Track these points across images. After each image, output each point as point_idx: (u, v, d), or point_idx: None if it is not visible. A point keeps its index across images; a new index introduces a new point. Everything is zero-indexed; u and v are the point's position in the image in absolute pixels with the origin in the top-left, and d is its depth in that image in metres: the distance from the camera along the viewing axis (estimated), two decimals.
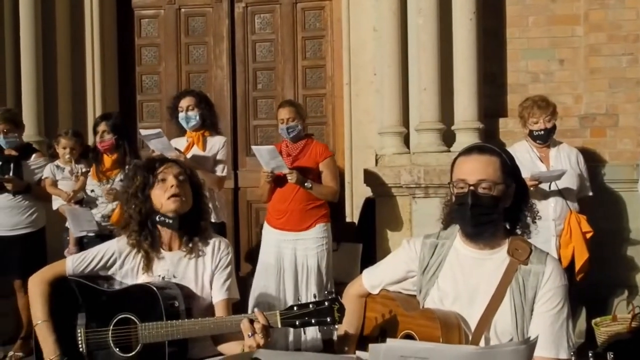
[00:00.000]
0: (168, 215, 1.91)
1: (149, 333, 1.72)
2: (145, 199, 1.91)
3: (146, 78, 5.30)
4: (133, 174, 1.96)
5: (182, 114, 3.69)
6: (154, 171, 1.92)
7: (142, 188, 1.91)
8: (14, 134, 3.87)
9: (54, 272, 1.93)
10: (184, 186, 1.94)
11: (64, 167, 3.76)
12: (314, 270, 3.61)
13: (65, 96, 4.85)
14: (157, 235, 1.95)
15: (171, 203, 1.90)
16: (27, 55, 4.56)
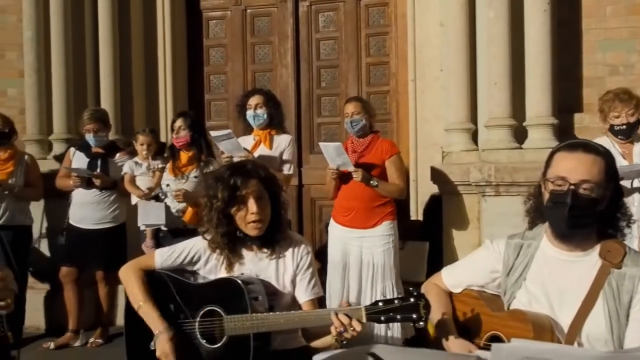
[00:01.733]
0: (248, 234, 1.95)
1: (234, 325, 1.77)
2: (228, 221, 1.94)
3: (214, 78, 5.44)
4: (215, 188, 1.96)
5: (250, 112, 3.75)
6: (235, 191, 1.92)
7: (223, 209, 1.93)
8: (102, 133, 4.08)
9: (144, 264, 2.01)
10: (264, 207, 1.95)
11: (142, 163, 3.92)
12: (380, 269, 3.59)
13: (140, 96, 5.04)
14: (238, 242, 1.99)
15: (252, 229, 1.93)
16: (105, 59, 4.77)
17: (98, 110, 4.29)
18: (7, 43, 5.14)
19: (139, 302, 1.93)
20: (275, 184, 2.03)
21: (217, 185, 1.96)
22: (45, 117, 4.74)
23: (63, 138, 4.69)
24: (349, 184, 3.63)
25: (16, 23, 5.09)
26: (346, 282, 3.63)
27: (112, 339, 4.26)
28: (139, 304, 1.93)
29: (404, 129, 4.93)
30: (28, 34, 4.70)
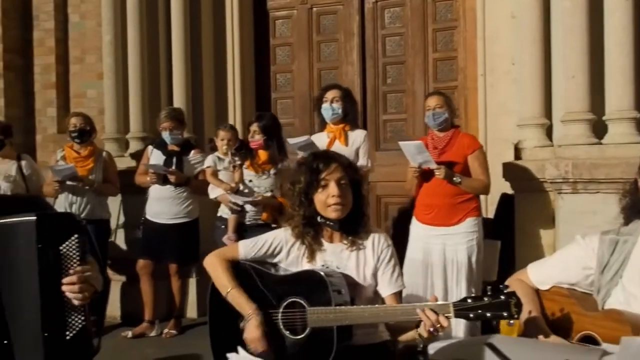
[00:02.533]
0: (329, 219, 1.97)
1: (317, 317, 1.79)
2: (309, 203, 1.97)
3: (280, 76, 5.52)
4: (298, 173, 2.02)
5: (327, 105, 3.80)
6: (318, 174, 1.96)
7: (305, 192, 1.97)
8: (178, 131, 4.23)
9: (229, 255, 2.07)
10: (345, 192, 1.96)
11: (224, 158, 4.04)
12: (464, 266, 3.52)
13: (209, 96, 5.18)
14: (319, 229, 2.02)
15: (332, 211, 1.95)
16: (178, 61, 4.93)
17: (175, 109, 4.44)
18: (87, 47, 5.42)
19: (227, 288, 1.98)
20: (357, 173, 2.05)
21: (300, 169, 2.01)
22: (122, 117, 4.96)
23: (139, 137, 4.88)
24: (431, 181, 3.58)
25: (95, 28, 5.36)
26: (429, 281, 3.56)
27: (184, 330, 4.41)
28: (228, 290, 1.97)
29: (473, 126, 4.82)
30: (107, 37, 4.92)
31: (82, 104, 5.34)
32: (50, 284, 1.70)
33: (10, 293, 1.73)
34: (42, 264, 1.70)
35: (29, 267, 1.71)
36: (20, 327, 1.73)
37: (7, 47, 5.41)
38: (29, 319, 1.71)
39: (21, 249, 1.72)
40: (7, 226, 1.73)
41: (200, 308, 4.75)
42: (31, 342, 1.71)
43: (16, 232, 1.72)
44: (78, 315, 1.74)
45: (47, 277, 1.70)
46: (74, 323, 1.73)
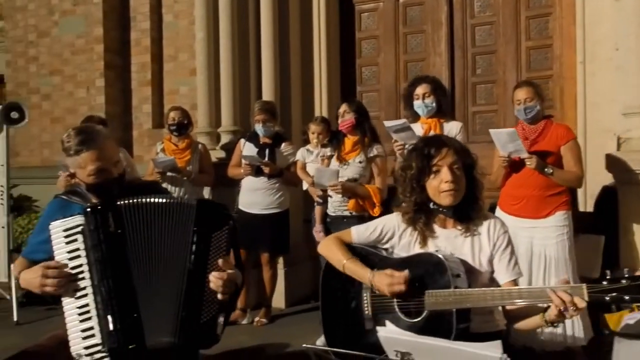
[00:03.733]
0: (442, 205, 1.93)
1: (435, 300, 1.76)
2: (421, 190, 1.94)
3: (365, 70, 5.51)
4: (409, 159, 1.99)
5: (419, 102, 3.69)
6: (429, 160, 1.93)
7: (417, 178, 1.94)
8: (270, 123, 4.30)
9: (342, 238, 2.08)
10: (459, 177, 1.92)
11: (313, 150, 4.07)
12: (553, 262, 3.37)
13: (296, 90, 5.25)
14: (431, 215, 1.98)
15: (445, 198, 1.90)
16: (267, 57, 5.02)
17: (268, 102, 4.53)
18: (180, 45, 5.64)
19: (343, 261, 1.98)
20: (469, 157, 1.98)
21: (412, 155, 1.98)
22: (214, 111, 5.12)
23: (230, 130, 5.02)
24: (520, 172, 3.45)
25: (187, 26, 5.58)
26: None
27: (274, 319, 4.49)
28: (343, 263, 1.98)
29: (570, 116, 4.60)
30: (200, 35, 5.10)
31: (175, 100, 5.56)
32: (198, 268, 1.79)
33: (152, 270, 1.82)
34: (194, 247, 1.79)
35: (179, 246, 1.80)
36: (158, 300, 1.81)
37: (107, 48, 5.73)
38: (169, 295, 1.79)
39: (180, 229, 1.80)
40: (172, 205, 1.83)
41: (288, 299, 4.82)
42: (166, 318, 1.78)
43: (176, 212, 1.81)
44: (214, 303, 1.82)
45: (196, 260, 1.79)
46: (209, 309, 1.81)
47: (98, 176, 1.99)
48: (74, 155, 1.99)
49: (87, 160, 1.97)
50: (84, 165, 1.99)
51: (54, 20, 6.01)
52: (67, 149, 2.00)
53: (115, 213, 1.83)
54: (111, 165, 2.02)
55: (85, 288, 1.82)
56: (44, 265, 1.82)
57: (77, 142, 1.98)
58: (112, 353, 1.78)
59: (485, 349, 1.28)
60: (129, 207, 1.84)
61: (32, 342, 2.04)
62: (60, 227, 1.84)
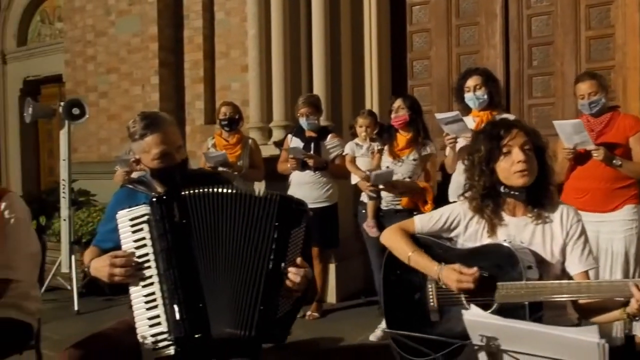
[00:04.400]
0: (514, 188, 1.86)
1: (506, 293, 1.70)
2: (490, 172, 1.88)
3: (417, 63, 5.44)
4: (477, 142, 1.93)
5: (470, 95, 3.59)
6: (499, 141, 1.87)
7: (486, 160, 1.88)
8: (314, 117, 4.30)
9: (405, 227, 2.04)
10: (531, 158, 1.85)
11: (362, 144, 4.04)
12: (620, 257, 3.24)
13: (347, 85, 5.22)
14: (500, 201, 1.92)
15: (518, 179, 1.83)
16: (318, 52, 5.01)
17: (312, 95, 4.52)
18: (232, 42, 5.72)
19: (408, 252, 1.94)
20: (541, 140, 1.90)
21: (479, 138, 1.92)
22: (265, 106, 5.16)
23: (282, 125, 5.05)
24: (585, 164, 3.32)
25: (239, 23, 5.64)
26: None
27: (326, 314, 4.49)
28: (408, 255, 1.93)
29: (633, 108, 4.41)
30: (252, 31, 5.15)
31: (226, 97, 5.63)
32: (276, 263, 1.77)
33: (219, 260, 1.82)
34: (275, 242, 1.76)
35: (256, 239, 1.78)
36: (223, 293, 1.80)
37: (161, 46, 5.86)
38: (241, 287, 1.78)
39: (260, 223, 1.78)
40: (251, 197, 1.81)
41: (339, 294, 4.81)
42: (238, 309, 1.77)
43: (258, 206, 1.78)
44: (288, 299, 1.81)
45: (275, 256, 1.76)
46: (283, 305, 1.80)
47: (162, 160, 2.00)
48: (138, 140, 2.02)
49: (151, 143, 1.99)
50: (148, 149, 2.00)
51: (111, 20, 6.19)
52: (132, 133, 2.03)
53: (180, 203, 1.84)
54: (174, 150, 2.03)
55: (151, 277, 1.84)
56: (111, 255, 1.85)
57: (142, 127, 2.01)
58: (178, 342, 1.79)
59: (583, 334, 1.23)
60: (194, 197, 1.84)
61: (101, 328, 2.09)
62: (127, 216, 1.87)
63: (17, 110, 8.17)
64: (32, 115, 4.77)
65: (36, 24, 8.20)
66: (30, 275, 2.41)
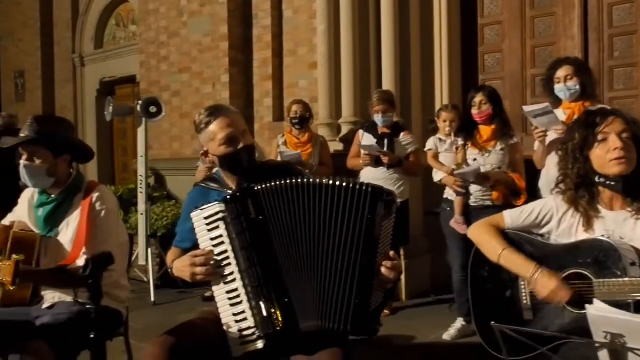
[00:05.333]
0: (610, 177, 1.77)
1: (609, 290, 1.63)
2: (585, 160, 1.80)
3: (488, 57, 5.30)
4: (571, 131, 1.86)
5: (560, 85, 3.44)
6: (594, 128, 1.78)
7: (580, 147, 1.80)
8: (389, 113, 4.25)
9: (494, 223, 1.98)
10: (629, 147, 1.75)
11: (445, 139, 3.97)
12: None
13: (417, 79, 5.16)
14: (596, 193, 1.83)
15: (614, 166, 1.75)
16: (387, 48, 4.98)
17: (386, 91, 4.48)
18: (300, 40, 5.75)
19: (498, 250, 1.87)
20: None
21: (574, 127, 1.85)
22: (334, 102, 5.16)
23: (351, 121, 5.04)
24: None
25: (307, 21, 5.67)
26: None
27: (395, 311, 4.45)
28: (499, 253, 1.86)
29: None
30: (321, 27, 5.17)
31: (294, 94, 5.67)
32: (368, 256, 1.74)
33: (301, 254, 1.80)
34: (366, 235, 1.72)
35: (349, 234, 1.74)
36: (309, 287, 1.79)
37: (232, 45, 5.98)
38: (335, 281, 1.75)
39: (349, 215, 1.74)
40: (344, 188, 1.75)
41: (409, 292, 4.77)
42: (335, 306, 1.75)
43: (351, 197, 1.73)
44: (380, 292, 1.78)
45: (367, 249, 1.73)
46: (376, 298, 1.77)
47: (228, 145, 2.00)
48: (204, 129, 2.02)
49: (216, 130, 1.99)
50: (213, 137, 2.01)
51: (183, 21, 6.38)
52: (198, 124, 2.05)
53: (254, 199, 1.82)
54: (240, 134, 2.02)
55: (232, 273, 1.83)
56: (191, 255, 1.87)
57: (206, 115, 2.03)
58: (267, 338, 1.79)
59: None
60: (267, 192, 1.82)
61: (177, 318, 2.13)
62: (201, 215, 1.87)
63: (95, 110, 8.58)
64: (112, 113, 4.99)
65: (112, 27, 8.57)
66: (120, 264, 2.51)
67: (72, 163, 2.45)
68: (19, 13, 9.47)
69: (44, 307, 2.34)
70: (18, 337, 2.11)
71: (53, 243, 2.37)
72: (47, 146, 2.32)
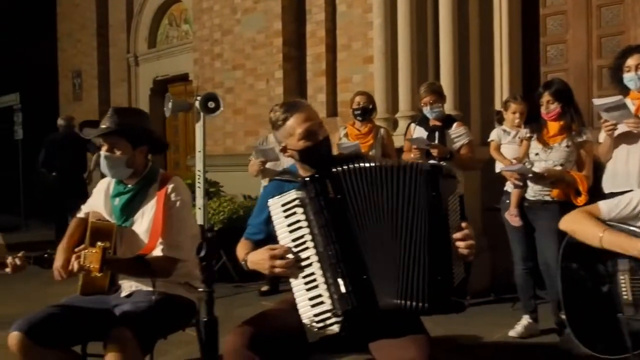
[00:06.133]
0: None
1: None
2: None
3: (551, 48, 5.13)
4: None
5: (630, 74, 3.29)
6: None
7: None
8: (438, 104, 4.16)
9: (589, 211, 1.91)
10: None
11: (510, 131, 3.86)
12: None
13: (475, 72, 5.04)
14: None
15: None
16: (445, 39, 4.89)
17: (433, 83, 4.38)
18: (353, 34, 5.72)
19: (599, 233, 1.82)
20: None
21: None
22: (391, 97, 5.10)
23: (408, 115, 4.97)
24: None
25: (361, 15, 5.63)
26: None
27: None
28: (600, 235, 1.81)
29: None
30: (377, 20, 5.11)
31: (347, 89, 5.64)
32: (439, 233, 1.76)
33: (378, 232, 1.81)
34: (434, 212, 1.76)
35: (418, 212, 1.78)
36: (386, 265, 1.79)
37: (285, 41, 6.00)
38: (404, 259, 1.77)
39: (414, 194, 1.79)
40: (403, 168, 1.82)
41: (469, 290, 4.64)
42: (416, 283, 1.75)
43: (411, 177, 1.80)
44: (460, 267, 1.79)
45: (436, 226, 1.76)
46: (457, 273, 1.77)
47: (307, 139, 2.00)
48: (282, 125, 2.03)
49: (294, 125, 2.00)
50: (292, 132, 2.01)
51: (237, 19, 6.44)
52: (275, 121, 2.05)
53: (332, 180, 1.85)
54: (317, 127, 2.03)
55: (309, 257, 1.84)
56: (269, 248, 1.89)
57: (282, 112, 2.03)
58: (346, 315, 1.79)
59: None
60: (345, 173, 1.85)
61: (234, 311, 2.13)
62: (278, 202, 1.89)
63: (148, 108, 8.76)
64: (171, 109, 5.05)
65: (164, 26, 8.74)
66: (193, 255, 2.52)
67: (148, 154, 2.48)
68: (78, 15, 9.79)
69: (122, 295, 2.38)
70: (103, 325, 2.15)
71: (128, 233, 2.41)
72: (126, 137, 2.35)
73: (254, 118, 6.34)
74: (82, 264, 2.10)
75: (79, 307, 2.28)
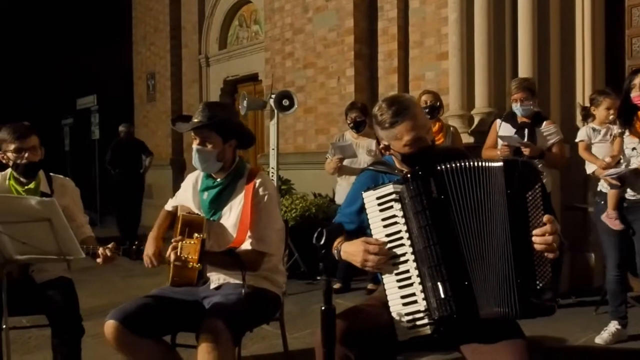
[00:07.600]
0: None
1: None
2: None
3: (636, 41, 4.86)
4: None
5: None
6: None
7: None
8: (529, 102, 4.02)
9: None
10: None
11: (600, 129, 3.68)
12: None
13: (556, 67, 4.86)
14: None
15: None
16: (523, 34, 4.76)
17: (526, 79, 4.24)
18: (427, 31, 5.63)
19: None
20: None
21: None
22: (466, 93, 4.99)
23: (484, 112, 4.85)
24: None
25: (434, 11, 5.54)
26: None
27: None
28: None
29: None
30: (453, 16, 5.02)
31: (420, 86, 5.56)
32: (520, 232, 1.70)
33: (477, 235, 1.77)
34: (512, 211, 1.70)
35: (496, 212, 1.73)
36: (484, 270, 1.75)
37: (357, 39, 6.00)
38: (495, 263, 1.72)
39: (489, 194, 1.75)
40: (476, 169, 1.77)
41: None
42: (498, 286, 1.72)
43: (485, 176, 1.75)
44: (546, 266, 1.70)
45: (516, 224, 1.70)
46: (543, 273, 1.69)
47: (413, 145, 1.96)
48: (389, 128, 1.98)
49: (402, 131, 1.95)
50: (400, 137, 1.97)
51: (308, 17, 6.49)
52: (382, 122, 2.00)
53: (436, 178, 1.80)
54: (425, 133, 1.98)
55: (405, 254, 1.82)
56: (364, 240, 1.86)
57: (391, 115, 1.97)
58: (442, 321, 1.76)
59: None
60: (450, 171, 1.80)
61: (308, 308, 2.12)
62: (373, 195, 1.87)
63: None
64: (247, 107, 5.18)
65: (235, 28, 8.93)
66: (278, 250, 2.56)
67: (237, 148, 2.53)
68: (152, 18, 10.17)
69: (212, 287, 2.44)
70: (193, 316, 2.21)
71: (217, 226, 2.46)
72: (217, 131, 2.41)
73: (325, 116, 6.37)
74: (179, 255, 2.16)
75: (170, 298, 2.35)
